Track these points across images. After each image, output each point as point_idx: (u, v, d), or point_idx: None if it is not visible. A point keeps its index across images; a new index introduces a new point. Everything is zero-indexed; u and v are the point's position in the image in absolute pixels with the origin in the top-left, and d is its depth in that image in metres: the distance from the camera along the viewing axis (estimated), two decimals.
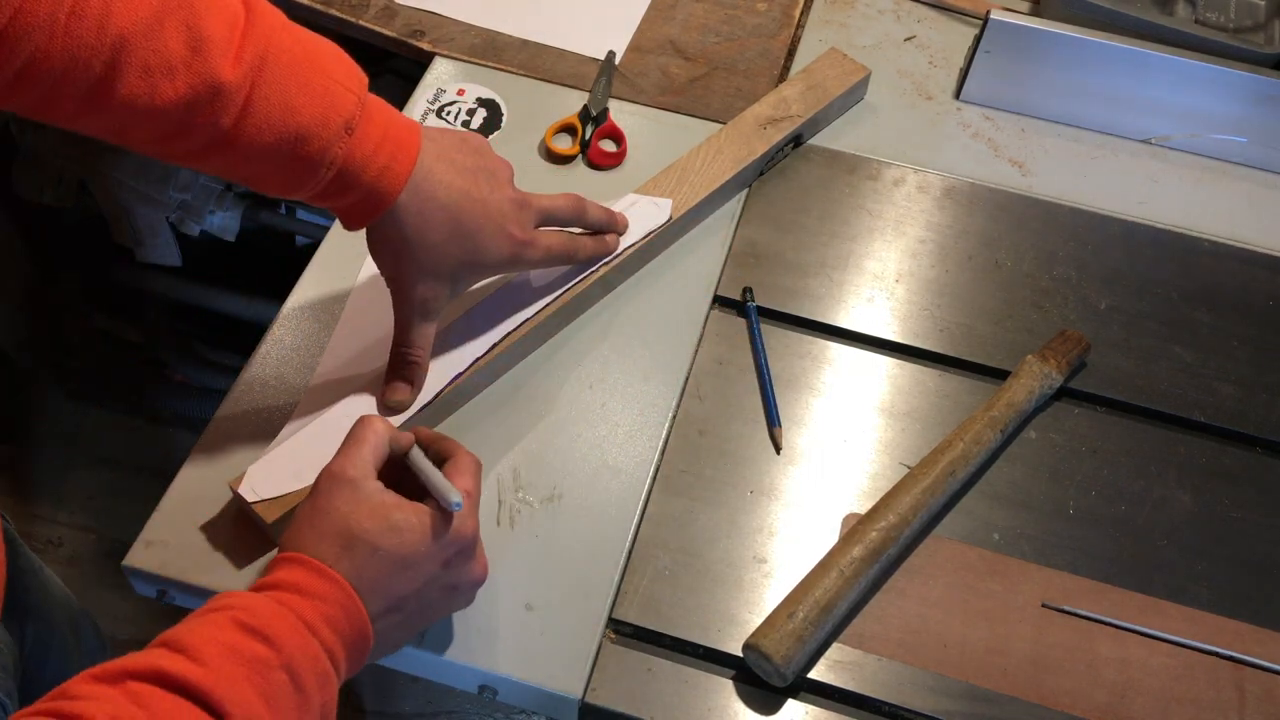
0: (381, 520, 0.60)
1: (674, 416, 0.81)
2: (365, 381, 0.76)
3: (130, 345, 1.64)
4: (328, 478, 0.62)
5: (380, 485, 0.62)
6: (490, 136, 0.96)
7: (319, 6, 1.04)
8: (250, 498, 0.70)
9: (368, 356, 0.79)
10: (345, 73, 0.66)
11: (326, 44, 0.66)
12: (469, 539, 0.63)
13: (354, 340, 0.81)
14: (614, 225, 0.83)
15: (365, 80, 0.67)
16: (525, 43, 1.03)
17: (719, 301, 0.88)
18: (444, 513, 0.62)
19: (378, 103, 0.68)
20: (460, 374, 0.77)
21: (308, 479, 0.70)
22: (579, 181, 0.93)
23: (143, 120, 0.60)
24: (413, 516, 0.61)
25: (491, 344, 0.79)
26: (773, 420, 0.81)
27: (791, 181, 0.95)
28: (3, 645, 0.78)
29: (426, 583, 0.62)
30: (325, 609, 0.57)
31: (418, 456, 0.65)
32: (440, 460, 0.66)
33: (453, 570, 0.63)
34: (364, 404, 0.75)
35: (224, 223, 1.48)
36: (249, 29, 0.61)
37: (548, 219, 0.77)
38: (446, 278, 0.72)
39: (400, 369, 0.75)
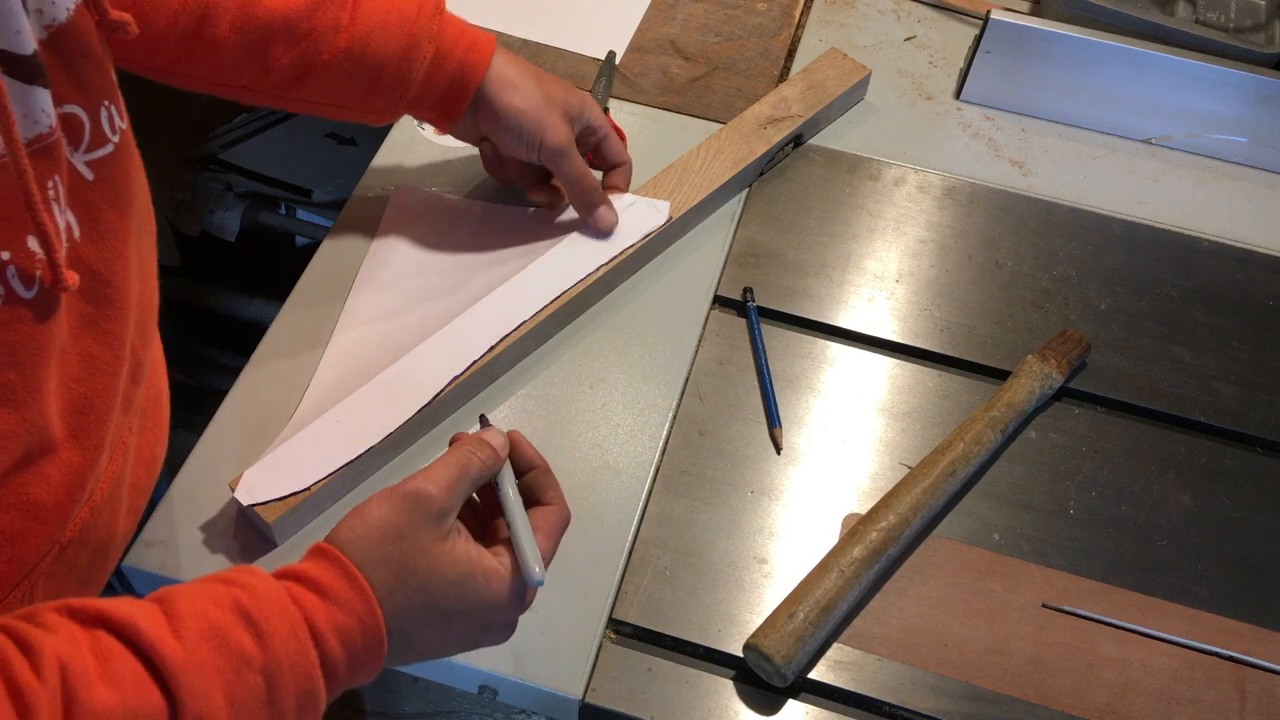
0: (452, 572, 0.55)
1: (674, 416, 0.81)
2: (365, 382, 0.76)
3: None
4: (415, 496, 0.56)
5: (464, 532, 0.57)
6: None
7: None
8: (246, 501, 0.69)
9: (366, 358, 0.79)
10: None
11: None
12: (518, 612, 0.59)
13: (352, 344, 0.81)
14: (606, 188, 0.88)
15: None
16: (526, 43, 1.03)
17: (719, 301, 0.88)
18: (516, 582, 0.57)
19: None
20: (459, 375, 0.77)
21: (306, 480, 0.70)
22: None
23: (281, 27, 0.74)
24: (482, 580, 0.56)
25: (491, 344, 0.79)
26: (773, 420, 0.81)
27: (791, 181, 0.95)
28: None
29: (456, 640, 0.58)
30: (340, 617, 0.52)
31: (509, 498, 0.59)
32: (530, 497, 0.61)
33: (485, 634, 0.59)
34: (364, 406, 0.75)
35: (224, 223, 1.48)
36: None
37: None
38: (560, 115, 0.81)
39: (586, 197, 0.84)
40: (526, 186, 0.87)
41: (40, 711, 0.42)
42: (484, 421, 0.63)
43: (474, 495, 0.60)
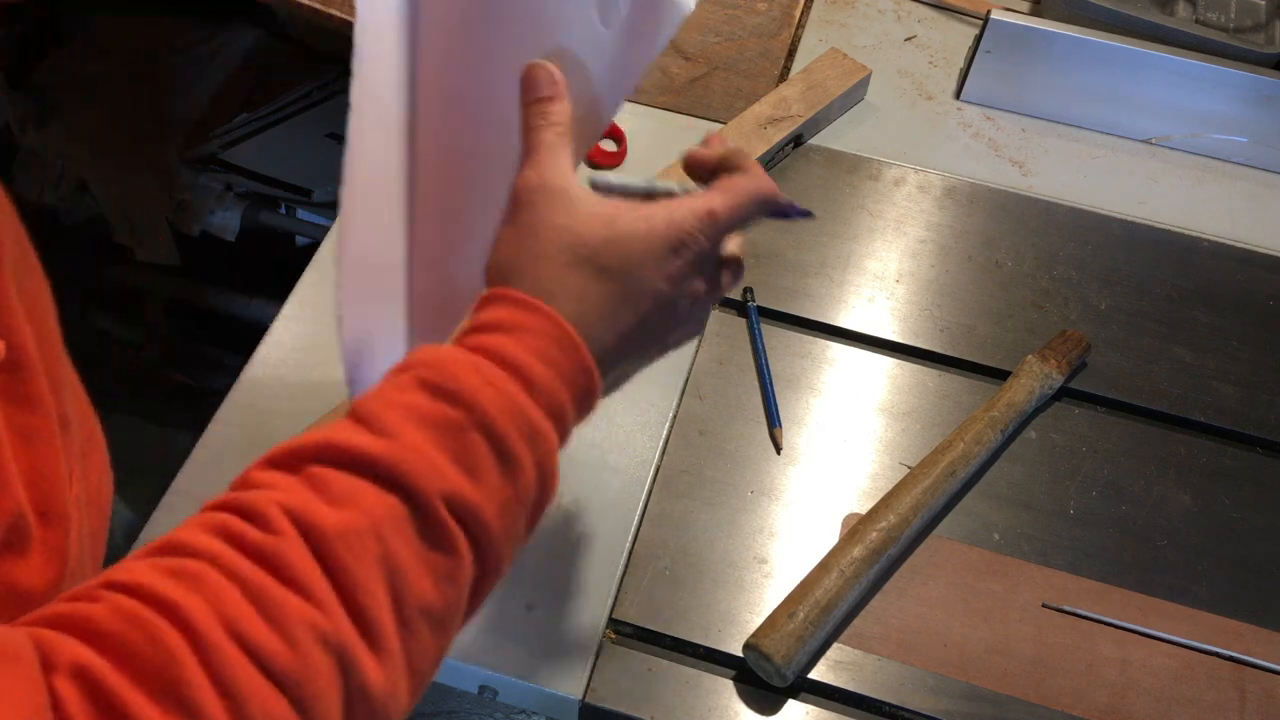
0: (608, 230, 0.51)
1: (674, 416, 0.81)
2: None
3: (130, 345, 1.64)
4: (523, 194, 0.52)
5: (589, 191, 0.53)
6: None
7: (319, 6, 1.04)
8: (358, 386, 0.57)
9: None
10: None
11: None
12: (697, 251, 0.53)
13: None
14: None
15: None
16: None
17: (719, 301, 0.88)
18: (670, 213, 0.52)
19: None
20: None
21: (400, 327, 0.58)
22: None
23: None
24: (642, 227, 0.51)
25: None
26: (773, 420, 0.81)
27: (791, 181, 0.95)
28: None
29: (655, 302, 0.53)
30: (534, 343, 0.49)
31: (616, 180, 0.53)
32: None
33: (679, 285, 0.53)
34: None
35: (224, 222, 1.48)
36: None
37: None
38: None
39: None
40: None
41: (291, 563, 0.41)
42: None
43: None
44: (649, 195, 0.54)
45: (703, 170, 0.57)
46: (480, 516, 0.46)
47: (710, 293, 0.56)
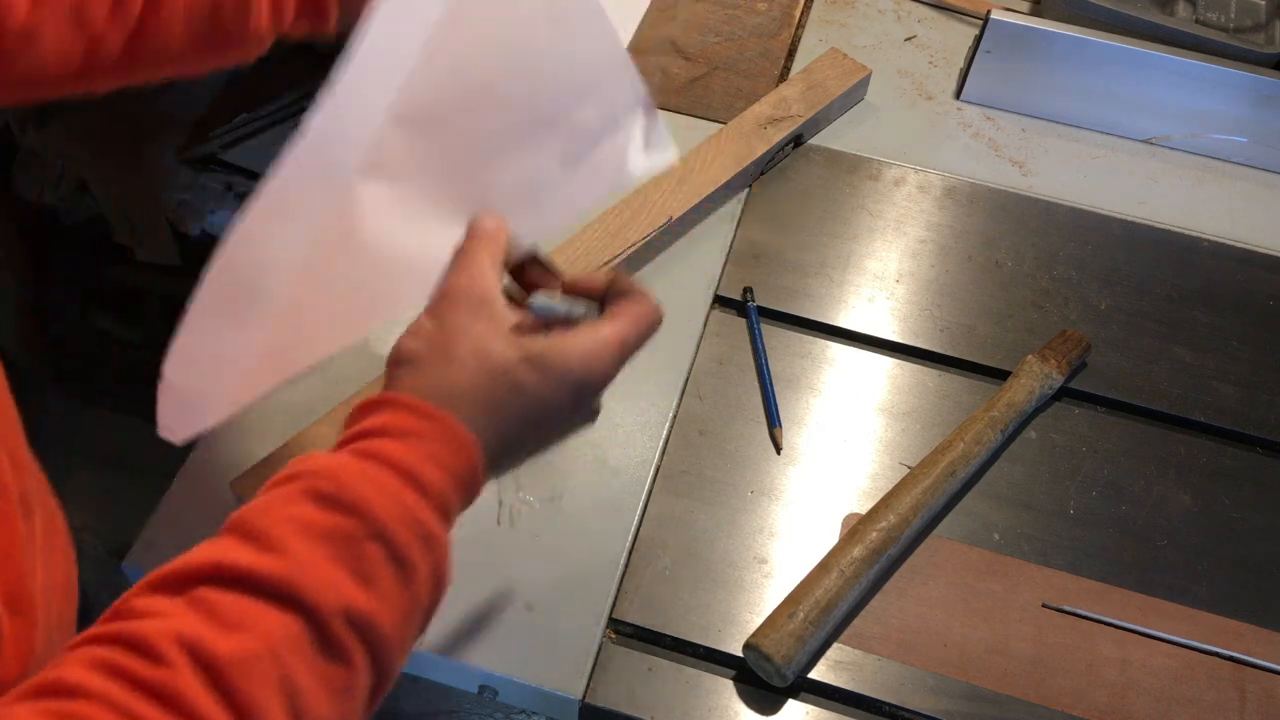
0: (523, 350, 0.52)
1: (674, 416, 0.81)
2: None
3: (130, 345, 1.64)
4: (449, 297, 0.52)
5: (510, 308, 0.53)
6: None
7: None
8: (174, 437, 0.57)
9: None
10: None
11: None
12: (605, 385, 0.55)
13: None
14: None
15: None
16: None
17: (719, 301, 0.88)
18: (590, 350, 0.53)
19: None
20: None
21: (244, 391, 0.56)
22: None
23: None
24: (559, 355, 0.52)
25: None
26: (773, 420, 0.81)
27: (791, 181, 0.95)
28: None
29: (553, 426, 0.54)
30: (430, 448, 0.48)
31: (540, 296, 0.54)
32: (611, 300, 0.56)
33: (576, 413, 0.55)
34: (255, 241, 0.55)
35: (224, 222, 1.48)
36: None
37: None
38: None
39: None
40: None
41: (187, 698, 0.40)
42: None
43: None
44: (567, 319, 0.55)
45: (591, 295, 0.57)
46: (379, 628, 0.45)
47: (590, 421, 0.57)
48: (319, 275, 0.55)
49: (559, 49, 0.58)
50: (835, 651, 0.71)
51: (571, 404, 0.54)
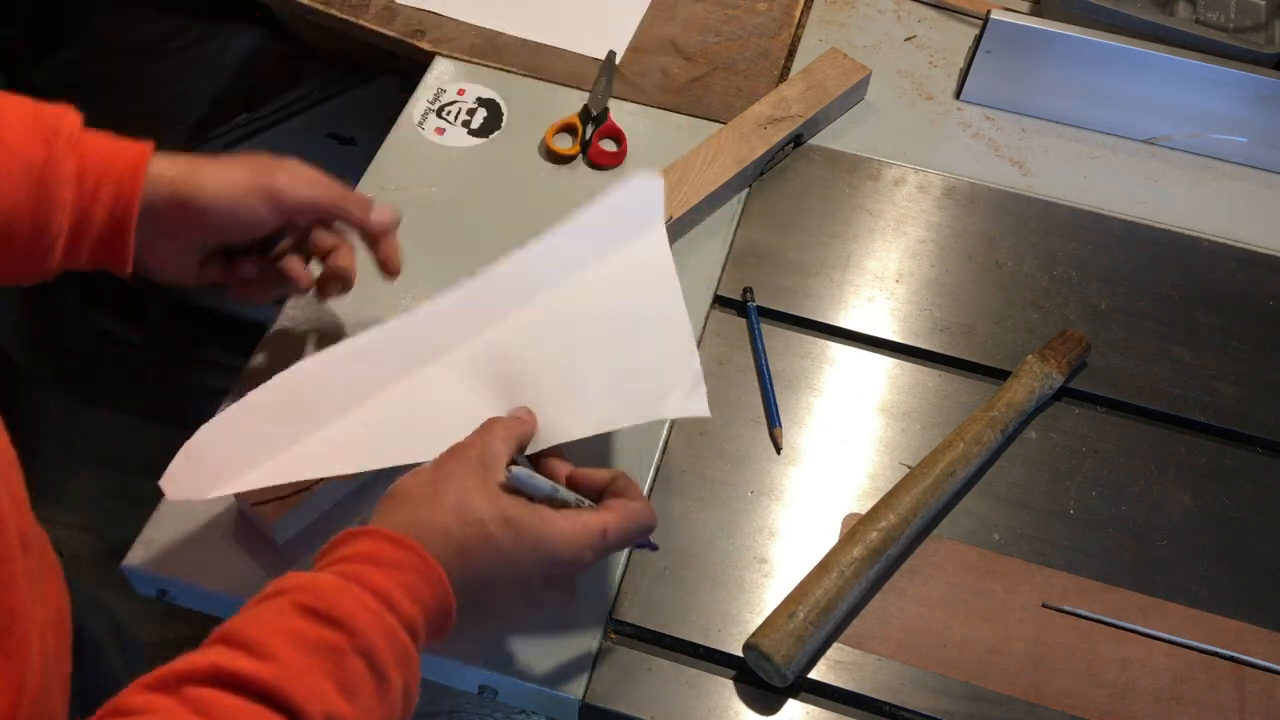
0: (501, 510, 0.56)
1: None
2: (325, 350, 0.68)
3: (130, 345, 1.64)
4: (456, 453, 0.59)
5: (505, 482, 0.59)
6: (491, 136, 0.96)
7: (319, 6, 1.04)
8: (173, 495, 0.63)
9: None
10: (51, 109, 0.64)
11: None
12: (579, 568, 0.59)
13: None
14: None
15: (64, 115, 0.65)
16: (525, 42, 1.03)
17: (719, 301, 0.88)
18: (569, 528, 0.58)
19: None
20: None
21: (250, 477, 0.63)
22: (579, 181, 0.93)
23: None
24: (535, 521, 0.57)
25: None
26: (773, 420, 0.81)
27: (791, 181, 0.95)
28: None
29: (519, 587, 0.58)
30: (406, 579, 0.52)
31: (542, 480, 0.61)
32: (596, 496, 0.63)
33: (548, 586, 0.59)
34: (319, 377, 0.66)
35: None
36: None
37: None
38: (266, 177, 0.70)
39: (356, 212, 0.72)
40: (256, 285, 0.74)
41: None
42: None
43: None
44: (550, 499, 0.60)
45: (591, 490, 0.63)
46: None
47: (564, 602, 0.61)
48: (364, 416, 0.65)
49: (638, 312, 0.71)
50: (835, 651, 0.71)
51: (540, 572, 0.58)
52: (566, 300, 0.71)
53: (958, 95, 1.04)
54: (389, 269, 0.73)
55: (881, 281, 0.90)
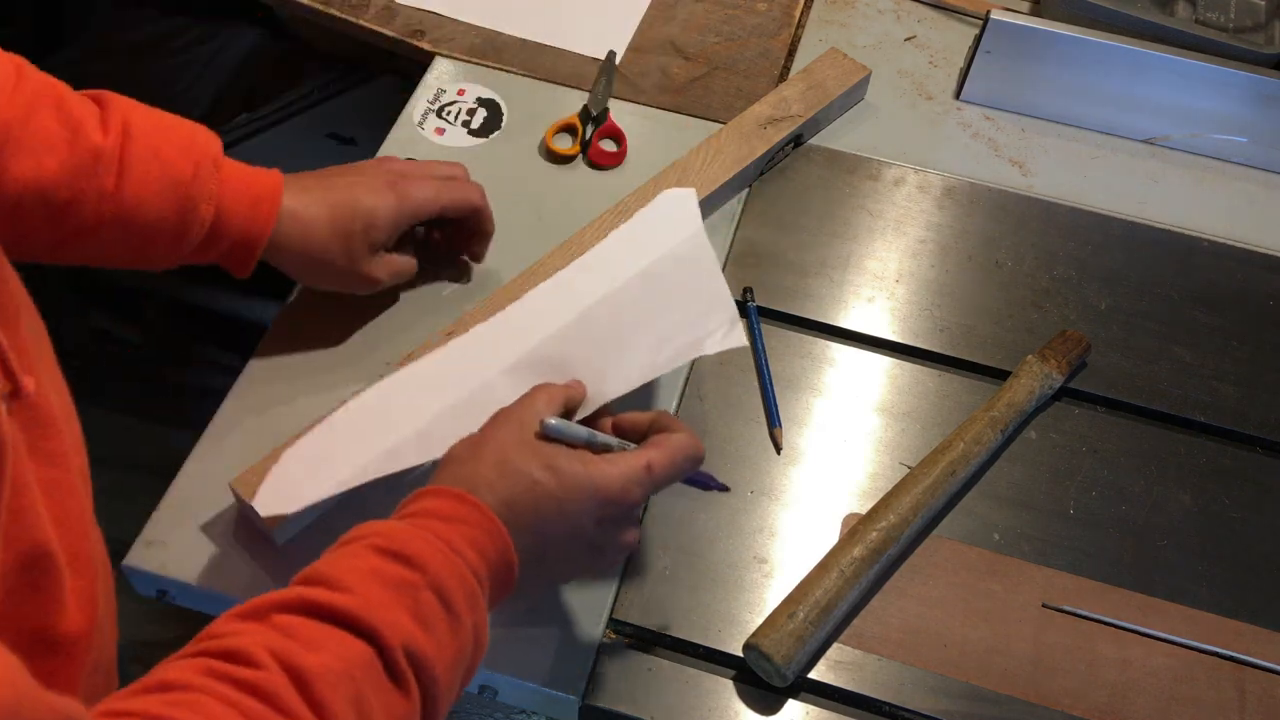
0: (542, 458, 0.59)
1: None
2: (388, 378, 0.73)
3: (130, 345, 1.64)
4: (495, 418, 0.62)
5: (564, 448, 0.61)
6: (490, 136, 0.96)
7: (319, 6, 1.04)
8: (264, 513, 0.68)
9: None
10: (201, 131, 0.72)
11: (173, 116, 0.73)
12: (629, 504, 0.61)
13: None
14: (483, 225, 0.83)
15: (217, 137, 0.73)
16: (525, 43, 1.03)
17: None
18: (611, 468, 0.60)
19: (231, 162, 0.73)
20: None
21: (326, 488, 0.68)
22: (579, 181, 0.93)
23: (34, 198, 0.66)
24: (577, 464, 0.59)
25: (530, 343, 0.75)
26: (773, 420, 0.81)
27: (791, 181, 0.95)
28: None
29: (575, 533, 0.59)
30: (468, 532, 0.55)
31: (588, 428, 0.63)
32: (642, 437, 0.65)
33: (605, 530, 0.61)
34: (389, 400, 0.72)
35: None
36: (106, 106, 0.69)
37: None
38: (364, 238, 0.76)
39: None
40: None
41: (281, 696, 0.44)
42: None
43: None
44: (590, 444, 0.62)
45: (635, 433, 0.66)
46: (432, 669, 0.50)
47: (627, 544, 0.64)
48: (433, 421, 0.70)
49: (676, 280, 0.75)
50: (835, 651, 0.71)
51: (591, 514, 0.59)
52: (611, 296, 0.75)
53: (958, 95, 1.04)
54: (477, 260, 0.85)
55: (881, 281, 0.90)
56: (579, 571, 0.65)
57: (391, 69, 1.16)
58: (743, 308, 0.87)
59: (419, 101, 0.98)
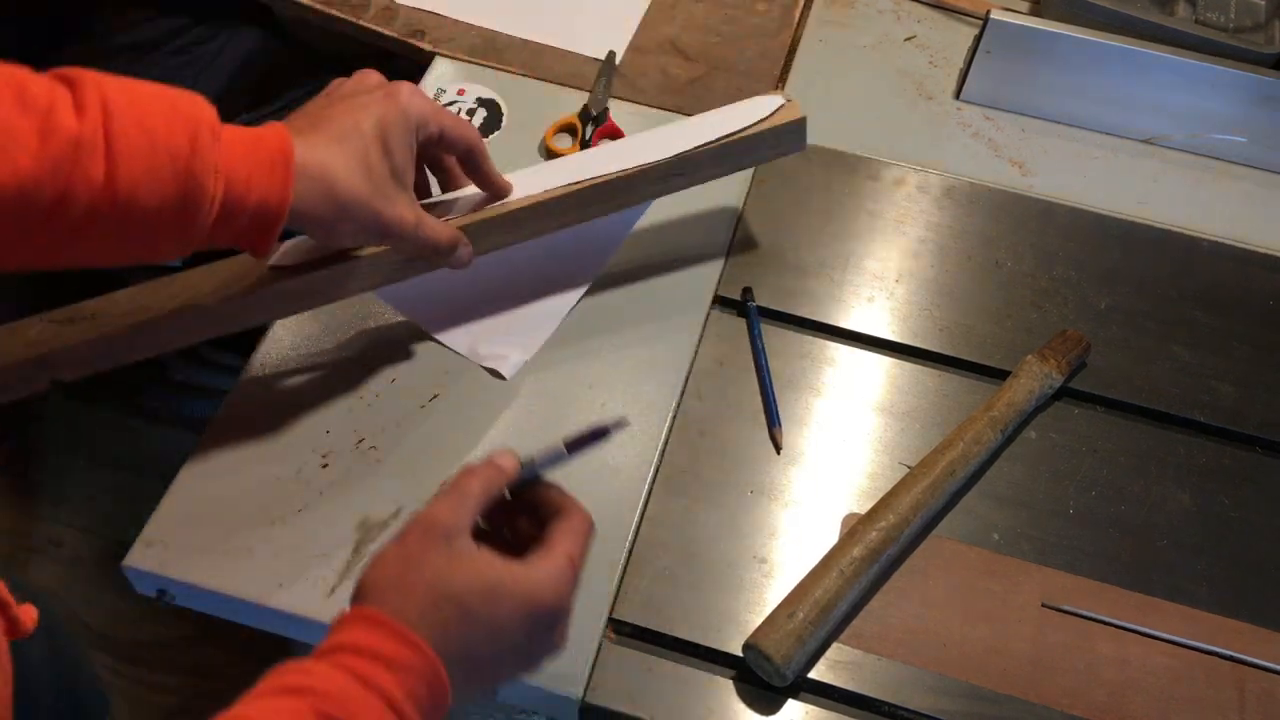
0: (477, 580, 0.56)
1: (674, 416, 0.81)
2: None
3: None
4: (420, 526, 0.57)
5: (473, 544, 0.57)
6: (491, 136, 0.96)
7: (319, 6, 1.04)
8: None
9: None
10: (186, 96, 0.63)
11: (152, 84, 0.63)
12: (563, 610, 0.58)
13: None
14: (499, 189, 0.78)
15: (208, 102, 0.64)
16: (525, 43, 1.03)
17: (719, 301, 0.88)
18: (543, 575, 0.57)
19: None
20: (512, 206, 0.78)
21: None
22: None
23: (13, 202, 0.57)
24: (508, 580, 0.56)
25: (547, 188, 0.78)
26: (773, 420, 0.81)
27: (791, 181, 0.95)
28: None
29: (506, 650, 0.57)
30: (409, 683, 0.53)
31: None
32: (545, 515, 0.61)
33: (536, 637, 0.58)
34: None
35: None
36: (78, 86, 0.59)
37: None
38: (391, 183, 0.69)
39: (439, 256, 0.75)
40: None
41: None
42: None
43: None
44: (535, 475, 0.61)
45: (542, 509, 0.61)
46: None
47: (557, 646, 0.60)
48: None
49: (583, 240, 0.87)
50: (835, 651, 0.71)
51: (524, 628, 0.57)
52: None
53: (957, 95, 1.04)
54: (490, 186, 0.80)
55: (881, 281, 0.90)
56: (504, 681, 0.62)
57: (391, 69, 1.16)
58: (743, 308, 0.87)
59: None
